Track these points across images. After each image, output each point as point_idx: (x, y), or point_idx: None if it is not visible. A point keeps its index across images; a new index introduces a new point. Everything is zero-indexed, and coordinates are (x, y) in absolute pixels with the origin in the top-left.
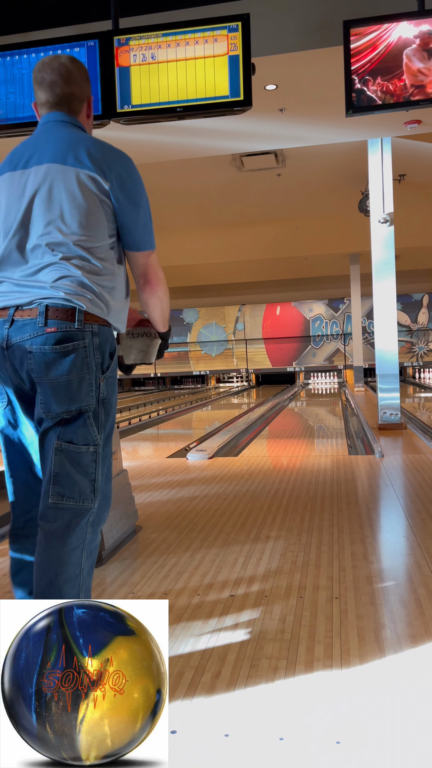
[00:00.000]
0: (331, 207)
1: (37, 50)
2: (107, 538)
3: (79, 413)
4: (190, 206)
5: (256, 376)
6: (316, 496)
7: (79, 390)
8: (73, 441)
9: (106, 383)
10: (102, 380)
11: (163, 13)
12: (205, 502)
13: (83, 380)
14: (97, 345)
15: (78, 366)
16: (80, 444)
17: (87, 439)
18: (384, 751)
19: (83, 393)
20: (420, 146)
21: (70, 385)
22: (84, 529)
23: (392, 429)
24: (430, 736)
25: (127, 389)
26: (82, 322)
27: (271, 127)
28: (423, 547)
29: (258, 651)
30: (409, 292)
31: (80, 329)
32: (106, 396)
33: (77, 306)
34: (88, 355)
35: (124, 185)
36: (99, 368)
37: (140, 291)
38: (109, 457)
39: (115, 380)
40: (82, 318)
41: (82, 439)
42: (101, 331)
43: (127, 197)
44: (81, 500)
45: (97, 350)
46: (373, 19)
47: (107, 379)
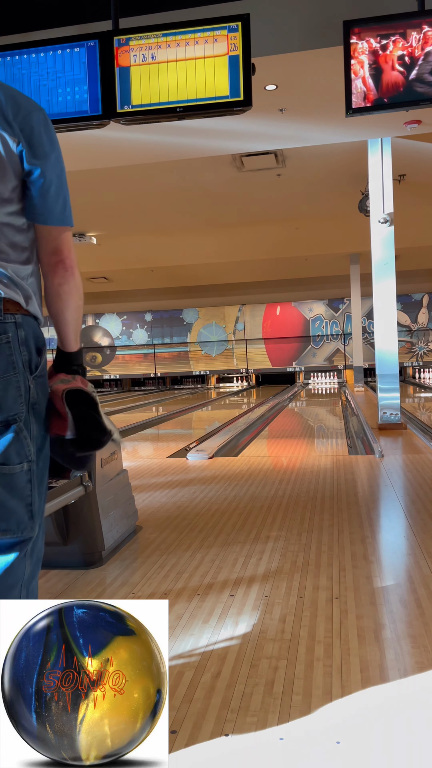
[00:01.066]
0: (331, 207)
1: (37, 50)
2: (107, 538)
3: (7, 425)
4: (190, 206)
5: (256, 376)
6: (316, 496)
7: (5, 396)
8: (8, 461)
9: (36, 385)
10: (31, 382)
11: (163, 13)
12: (205, 502)
13: (9, 384)
14: (23, 339)
15: (2, 367)
16: (14, 463)
17: (21, 455)
18: (385, 753)
19: (10, 399)
20: (420, 146)
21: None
22: (22, 564)
23: (392, 429)
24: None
25: (127, 389)
26: (1, 312)
27: (271, 127)
28: (423, 547)
29: (258, 651)
30: (409, 292)
31: (0, 321)
32: (37, 400)
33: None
34: (13, 353)
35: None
36: (27, 367)
37: (50, 276)
38: (46, 474)
39: (45, 381)
40: (0, 307)
41: (16, 457)
42: (25, 323)
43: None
44: (20, 531)
45: (23, 346)
46: (373, 20)
47: (37, 379)
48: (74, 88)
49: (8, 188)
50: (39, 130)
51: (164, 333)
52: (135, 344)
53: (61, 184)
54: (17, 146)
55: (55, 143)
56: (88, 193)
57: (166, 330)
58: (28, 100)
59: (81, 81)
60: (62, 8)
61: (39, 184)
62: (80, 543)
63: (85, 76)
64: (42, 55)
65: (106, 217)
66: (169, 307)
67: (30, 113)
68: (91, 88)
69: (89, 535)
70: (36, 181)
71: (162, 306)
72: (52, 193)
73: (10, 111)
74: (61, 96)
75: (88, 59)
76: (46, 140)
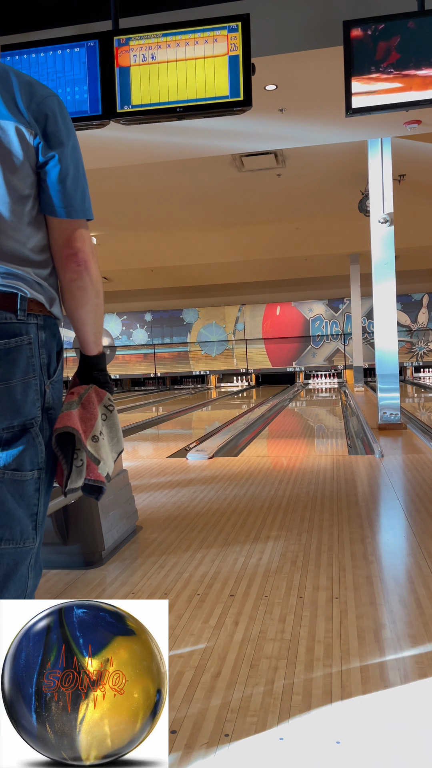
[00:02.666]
0: (331, 207)
1: (37, 50)
2: (107, 538)
3: (23, 429)
4: (190, 206)
5: (256, 376)
6: (316, 496)
7: (24, 399)
8: (21, 468)
9: (52, 390)
10: (48, 386)
11: (163, 14)
12: (205, 502)
13: (28, 386)
14: (44, 341)
15: (22, 368)
16: (26, 470)
17: (33, 462)
18: (385, 753)
19: (29, 403)
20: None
21: (13, 393)
22: (25, 576)
23: (392, 429)
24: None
25: (127, 389)
26: (25, 312)
27: (271, 127)
28: (423, 547)
29: (258, 651)
30: (409, 292)
31: (23, 321)
32: (51, 405)
33: (18, 291)
34: (34, 355)
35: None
36: (45, 371)
37: (62, 272)
38: (51, 483)
39: (60, 386)
40: (25, 307)
41: (29, 464)
42: (47, 324)
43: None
44: (22, 541)
45: (43, 348)
46: (373, 20)
47: (53, 384)
48: (74, 88)
49: (27, 184)
50: (54, 116)
51: (164, 333)
52: (135, 344)
53: (78, 174)
54: (34, 139)
55: (71, 131)
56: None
57: (166, 330)
58: (43, 87)
59: (81, 81)
60: (62, 8)
61: (55, 172)
62: (80, 543)
63: (85, 76)
64: (42, 55)
65: (106, 217)
66: (169, 307)
67: (45, 99)
68: (91, 88)
69: (89, 535)
70: (52, 170)
71: (162, 306)
72: (69, 182)
73: (25, 99)
74: (61, 96)
75: (88, 59)
76: (62, 127)
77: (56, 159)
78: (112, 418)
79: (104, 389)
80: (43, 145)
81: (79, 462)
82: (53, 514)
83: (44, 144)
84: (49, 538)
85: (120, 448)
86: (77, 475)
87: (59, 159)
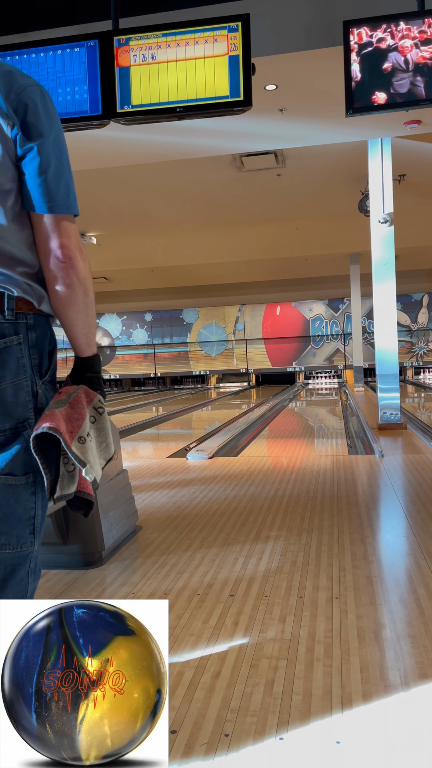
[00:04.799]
0: (331, 207)
1: (37, 50)
2: (107, 538)
3: (16, 432)
4: (190, 206)
5: (256, 376)
6: (316, 496)
7: (15, 401)
8: (14, 472)
9: (44, 390)
10: (40, 387)
11: (163, 13)
12: (205, 502)
13: (20, 388)
14: (34, 341)
15: (12, 370)
16: (20, 474)
17: (27, 465)
18: (385, 753)
19: (20, 405)
20: (420, 146)
21: (4, 396)
22: (24, 581)
23: (392, 429)
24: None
25: (127, 389)
26: (13, 312)
27: (271, 127)
28: (423, 547)
29: (258, 651)
30: (409, 292)
31: (11, 321)
32: (44, 406)
33: (5, 291)
34: (24, 355)
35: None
36: (36, 371)
37: (45, 269)
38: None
39: (54, 386)
40: (13, 306)
41: (23, 467)
42: (37, 323)
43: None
44: (19, 546)
45: (33, 348)
46: (373, 20)
47: (45, 385)
48: (74, 88)
49: (8, 178)
50: (34, 106)
51: (164, 333)
52: (135, 344)
53: (61, 167)
54: (12, 130)
55: (54, 121)
56: (88, 193)
57: (166, 330)
58: (24, 76)
59: (81, 81)
60: (62, 8)
61: (35, 165)
62: (80, 543)
63: (85, 76)
64: (42, 55)
65: (106, 217)
66: (169, 307)
67: (25, 89)
68: (91, 88)
69: (89, 535)
70: (30, 162)
71: (162, 306)
72: (51, 175)
73: (4, 89)
74: (61, 96)
75: (88, 59)
76: (43, 118)
77: (35, 151)
78: (101, 422)
79: (96, 392)
80: (21, 136)
81: (71, 467)
82: (53, 514)
83: (22, 135)
84: (49, 538)
85: (109, 455)
86: (69, 480)
87: (38, 151)
